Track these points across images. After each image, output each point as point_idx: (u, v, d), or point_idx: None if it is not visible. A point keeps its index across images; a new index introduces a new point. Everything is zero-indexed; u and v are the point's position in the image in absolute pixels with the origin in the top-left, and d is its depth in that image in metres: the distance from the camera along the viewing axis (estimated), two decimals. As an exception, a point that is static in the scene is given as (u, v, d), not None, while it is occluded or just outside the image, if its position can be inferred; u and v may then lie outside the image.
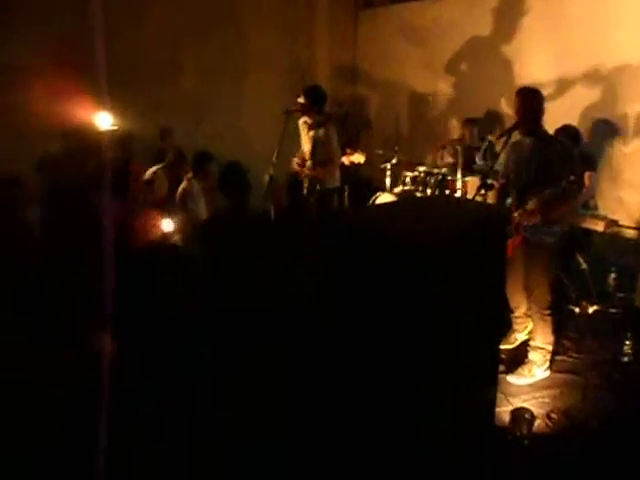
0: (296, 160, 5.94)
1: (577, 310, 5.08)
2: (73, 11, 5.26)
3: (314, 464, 2.95)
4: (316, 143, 5.76)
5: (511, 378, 4.23)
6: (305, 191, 5.90)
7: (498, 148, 4.50)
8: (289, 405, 3.17)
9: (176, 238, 4.16)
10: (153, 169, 5.61)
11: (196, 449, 3.06)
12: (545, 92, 6.63)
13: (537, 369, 4.27)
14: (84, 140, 4.82)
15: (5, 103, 5.42)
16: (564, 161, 3.95)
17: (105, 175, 3.70)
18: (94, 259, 3.20)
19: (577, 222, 5.01)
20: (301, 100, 5.65)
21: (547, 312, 4.25)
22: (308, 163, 5.85)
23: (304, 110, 5.70)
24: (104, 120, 4.79)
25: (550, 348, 4.33)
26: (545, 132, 4.18)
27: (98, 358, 2.94)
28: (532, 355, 4.32)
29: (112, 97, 4.84)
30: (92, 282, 3.33)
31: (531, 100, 4.11)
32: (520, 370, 4.28)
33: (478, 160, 6.38)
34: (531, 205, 3.98)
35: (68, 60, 5.27)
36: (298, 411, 3.13)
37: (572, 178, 3.82)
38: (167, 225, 4.19)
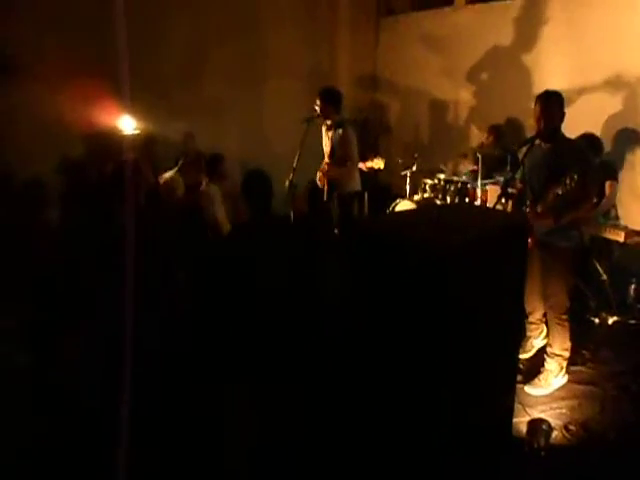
0: (320, 175, 5.99)
1: (597, 321, 5.05)
2: (97, 15, 5.31)
3: (325, 462, 2.95)
4: (334, 143, 5.80)
5: (528, 389, 4.19)
6: (325, 195, 5.93)
7: (520, 157, 4.46)
8: (312, 406, 3.18)
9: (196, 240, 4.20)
10: (170, 172, 5.66)
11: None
12: (567, 100, 6.65)
13: (554, 378, 4.23)
14: (106, 143, 4.89)
15: (30, 106, 5.49)
16: (574, 161, 3.88)
17: (125, 178, 3.74)
18: (113, 260, 3.24)
19: (597, 231, 4.98)
20: (318, 104, 5.70)
21: (564, 317, 4.18)
22: (327, 163, 5.89)
23: (323, 113, 5.74)
24: (127, 124, 4.85)
25: (567, 355, 4.26)
26: (562, 136, 4.11)
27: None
28: (548, 364, 4.27)
29: (135, 101, 4.90)
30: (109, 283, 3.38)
31: (552, 105, 4.07)
32: (536, 380, 4.24)
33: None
34: (541, 207, 3.96)
35: (92, 64, 5.33)
36: (320, 412, 3.14)
37: (575, 177, 3.74)
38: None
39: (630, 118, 6.15)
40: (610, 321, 5.08)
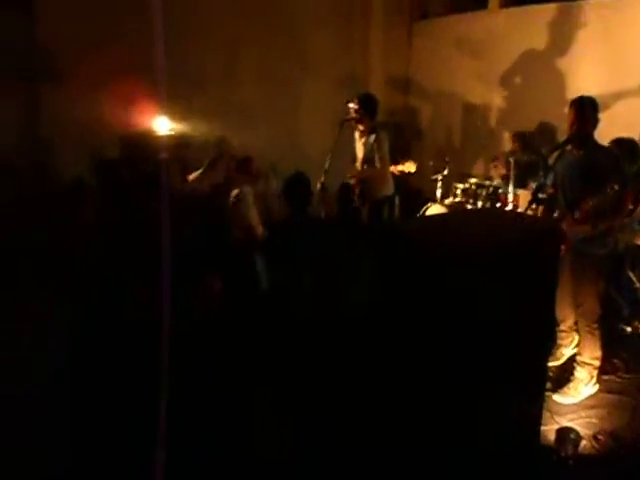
0: (352, 180, 6.02)
1: (629, 329, 4.98)
2: (133, 17, 5.39)
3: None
4: (367, 150, 5.82)
5: (557, 397, 4.16)
6: (357, 200, 5.95)
7: (551, 162, 4.44)
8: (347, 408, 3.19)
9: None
10: (195, 173, 5.70)
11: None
12: (600, 105, 6.58)
13: (584, 387, 4.19)
14: (141, 144, 4.95)
15: (69, 108, 5.60)
16: (609, 169, 3.85)
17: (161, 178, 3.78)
18: (150, 262, 3.28)
19: (632, 239, 4.92)
20: (354, 107, 5.73)
21: (595, 326, 4.14)
22: (359, 169, 5.92)
23: (358, 118, 5.77)
24: (162, 125, 4.91)
25: (597, 364, 4.22)
26: (595, 143, 4.08)
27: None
28: (578, 372, 4.23)
29: (170, 102, 4.95)
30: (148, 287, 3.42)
31: (586, 111, 4.06)
32: (566, 389, 4.21)
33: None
34: (578, 214, 3.92)
35: (128, 66, 5.41)
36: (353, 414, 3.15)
37: (616, 187, 3.72)
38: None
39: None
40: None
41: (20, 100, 5.78)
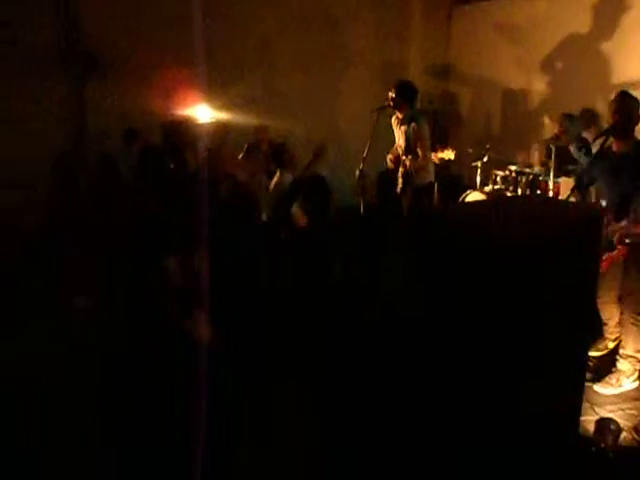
0: (390, 157, 5.99)
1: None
2: (176, 8, 5.47)
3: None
4: (408, 138, 5.79)
5: (598, 387, 4.13)
6: (399, 187, 5.94)
7: (595, 149, 4.38)
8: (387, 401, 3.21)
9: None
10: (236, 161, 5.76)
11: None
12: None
13: (625, 379, 4.15)
14: (184, 132, 5.04)
15: (114, 98, 5.71)
16: None
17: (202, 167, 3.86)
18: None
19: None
20: (392, 95, 5.69)
21: (639, 318, 4.10)
22: (402, 158, 5.90)
23: (395, 105, 5.74)
24: (204, 113, 4.98)
25: (639, 358, 4.17)
26: (638, 141, 4.02)
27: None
28: (621, 364, 4.19)
29: (211, 91, 5.03)
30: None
31: (628, 104, 3.97)
32: (607, 379, 4.17)
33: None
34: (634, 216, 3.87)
35: (171, 56, 5.49)
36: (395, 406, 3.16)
37: None
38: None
39: None
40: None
41: (66, 91, 5.90)
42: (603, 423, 3.53)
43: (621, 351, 4.23)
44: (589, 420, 3.65)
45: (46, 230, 4.38)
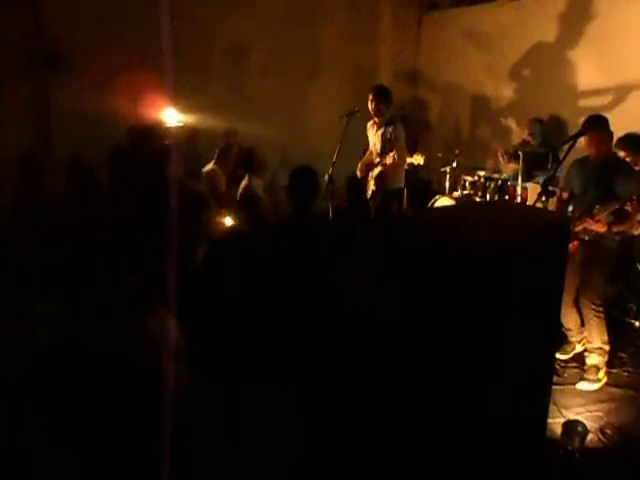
0: (360, 166, 6.01)
1: (637, 324, 4.98)
2: (143, 9, 5.41)
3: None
4: (385, 141, 5.80)
5: (581, 385, 4.24)
6: (370, 192, 5.94)
7: (561, 155, 4.45)
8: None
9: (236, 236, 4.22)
10: (209, 165, 5.72)
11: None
12: (607, 99, 6.55)
13: (601, 372, 4.27)
14: (151, 135, 4.98)
15: (78, 100, 5.62)
16: (627, 182, 4.14)
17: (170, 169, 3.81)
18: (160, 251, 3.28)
19: (640, 234, 4.91)
20: (371, 99, 5.71)
21: (600, 309, 4.24)
22: (376, 161, 5.90)
23: (375, 110, 5.75)
24: (171, 116, 4.93)
25: (607, 348, 4.30)
26: (613, 154, 4.41)
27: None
28: (591, 359, 4.31)
29: (179, 95, 4.99)
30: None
31: (599, 131, 4.22)
32: (586, 377, 4.28)
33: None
34: (598, 215, 4.13)
35: (138, 58, 5.44)
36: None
37: (634, 198, 4.05)
38: (228, 222, 4.26)
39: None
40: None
41: (31, 92, 5.81)
42: (570, 425, 3.57)
43: (588, 346, 4.33)
44: (556, 422, 3.68)
45: (10, 231, 4.30)
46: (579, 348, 4.66)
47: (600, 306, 4.24)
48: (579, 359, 4.58)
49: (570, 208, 4.51)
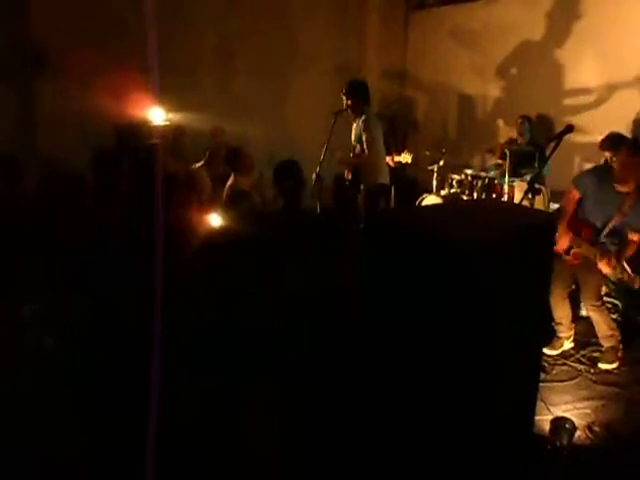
0: (337, 161, 6.01)
1: (624, 322, 4.99)
2: (127, 7, 5.37)
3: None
4: (359, 135, 5.79)
5: (603, 365, 4.40)
6: (349, 184, 5.93)
7: (548, 152, 4.47)
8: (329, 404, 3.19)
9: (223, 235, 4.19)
10: (195, 166, 5.70)
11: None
12: (593, 97, 6.59)
13: (618, 352, 4.43)
14: (137, 134, 4.94)
15: (61, 98, 5.58)
16: None
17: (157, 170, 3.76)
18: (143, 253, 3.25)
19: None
20: (344, 94, 5.69)
21: (598, 303, 4.37)
22: (352, 153, 5.89)
23: (349, 104, 5.73)
24: (157, 115, 4.89)
25: (618, 335, 4.44)
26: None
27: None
28: (607, 342, 4.44)
29: (165, 93, 4.93)
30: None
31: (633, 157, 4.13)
32: (605, 357, 4.44)
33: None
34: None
35: (122, 56, 5.39)
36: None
37: None
38: (215, 221, 4.22)
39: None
40: (637, 321, 5.03)
41: (14, 91, 5.75)
42: (558, 422, 3.57)
43: (599, 334, 4.46)
44: (544, 419, 3.68)
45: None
46: (567, 345, 4.69)
47: (598, 301, 4.39)
48: (567, 356, 4.62)
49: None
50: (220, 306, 3.57)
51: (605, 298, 4.71)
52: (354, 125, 5.88)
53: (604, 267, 4.12)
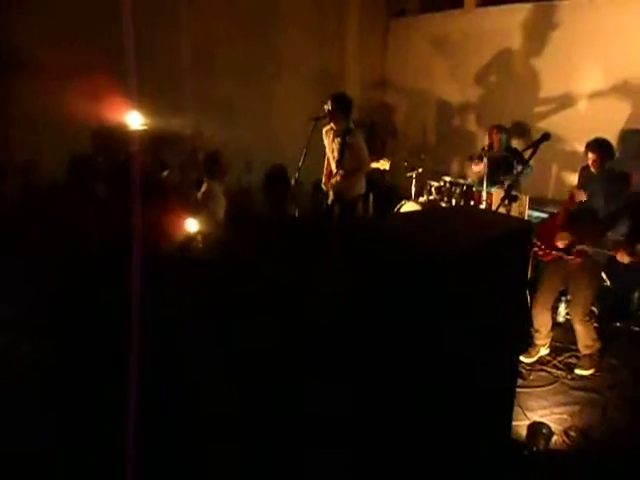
0: (324, 178, 6.01)
1: (600, 327, 5.03)
2: (106, 11, 5.33)
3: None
4: (344, 150, 5.75)
5: (579, 371, 4.49)
6: (330, 200, 5.91)
7: (526, 157, 4.53)
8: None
9: (198, 239, 4.17)
10: (167, 171, 5.65)
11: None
12: (575, 105, 6.67)
13: (596, 359, 4.53)
14: (114, 138, 4.91)
15: (37, 101, 5.51)
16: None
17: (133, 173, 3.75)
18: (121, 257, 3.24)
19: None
20: (328, 107, 5.66)
21: (587, 319, 4.46)
22: (334, 171, 5.86)
23: (331, 117, 5.70)
24: (135, 119, 4.86)
25: (597, 345, 4.53)
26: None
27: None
28: (586, 350, 4.52)
29: (143, 98, 4.92)
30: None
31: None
32: (581, 364, 4.53)
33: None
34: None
35: (100, 60, 5.36)
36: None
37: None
38: (190, 226, 4.20)
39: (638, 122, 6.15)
40: (613, 328, 5.09)
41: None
42: (535, 427, 3.60)
43: (580, 343, 4.55)
44: (521, 425, 3.71)
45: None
46: (544, 352, 4.75)
47: (587, 316, 4.46)
48: (545, 362, 4.65)
49: None
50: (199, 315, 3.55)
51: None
52: (337, 140, 5.81)
53: (622, 257, 4.18)
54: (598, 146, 4.82)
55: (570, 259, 4.41)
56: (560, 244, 4.45)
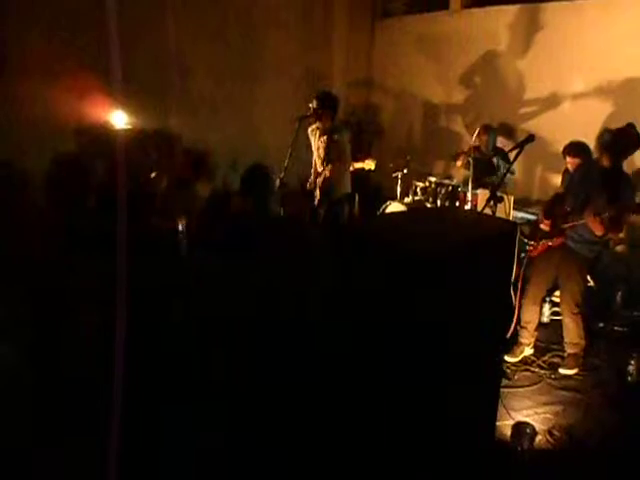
0: (310, 179, 6.02)
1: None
2: (88, 10, 5.29)
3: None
4: (329, 148, 5.76)
5: (563, 371, 4.52)
6: (316, 200, 5.91)
7: (511, 158, 4.55)
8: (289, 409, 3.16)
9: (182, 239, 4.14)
10: (154, 173, 5.61)
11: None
12: (559, 106, 6.71)
13: (580, 359, 4.56)
14: (97, 138, 4.86)
15: (20, 100, 5.47)
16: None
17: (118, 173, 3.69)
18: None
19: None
20: (314, 106, 5.66)
21: (576, 312, 4.49)
22: (320, 169, 5.87)
23: (317, 116, 5.71)
24: (118, 119, 4.82)
25: (583, 343, 4.54)
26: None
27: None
28: (572, 349, 4.55)
29: (127, 97, 4.88)
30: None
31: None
32: (566, 363, 4.57)
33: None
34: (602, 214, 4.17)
35: (82, 59, 5.32)
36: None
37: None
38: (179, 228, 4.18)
39: (622, 124, 6.18)
40: (597, 328, 5.12)
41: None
42: (519, 427, 3.61)
43: (566, 340, 4.58)
44: (506, 424, 3.72)
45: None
46: (528, 351, 4.76)
47: (576, 308, 4.49)
48: (529, 362, 4.67)
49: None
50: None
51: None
52: (323, 138, 5.82)
53: (595, 226, 4.21)
54: (574, 149, 4.94)
55: (556, 242, 4.52)
56: (544, 227, 4.58)
